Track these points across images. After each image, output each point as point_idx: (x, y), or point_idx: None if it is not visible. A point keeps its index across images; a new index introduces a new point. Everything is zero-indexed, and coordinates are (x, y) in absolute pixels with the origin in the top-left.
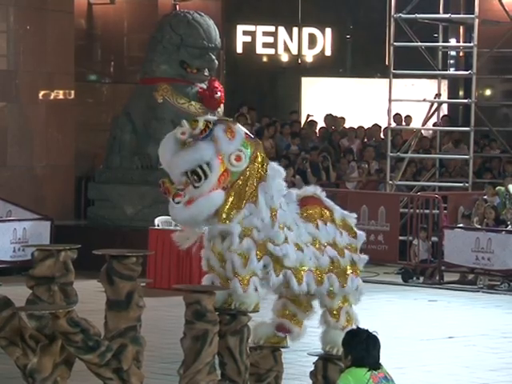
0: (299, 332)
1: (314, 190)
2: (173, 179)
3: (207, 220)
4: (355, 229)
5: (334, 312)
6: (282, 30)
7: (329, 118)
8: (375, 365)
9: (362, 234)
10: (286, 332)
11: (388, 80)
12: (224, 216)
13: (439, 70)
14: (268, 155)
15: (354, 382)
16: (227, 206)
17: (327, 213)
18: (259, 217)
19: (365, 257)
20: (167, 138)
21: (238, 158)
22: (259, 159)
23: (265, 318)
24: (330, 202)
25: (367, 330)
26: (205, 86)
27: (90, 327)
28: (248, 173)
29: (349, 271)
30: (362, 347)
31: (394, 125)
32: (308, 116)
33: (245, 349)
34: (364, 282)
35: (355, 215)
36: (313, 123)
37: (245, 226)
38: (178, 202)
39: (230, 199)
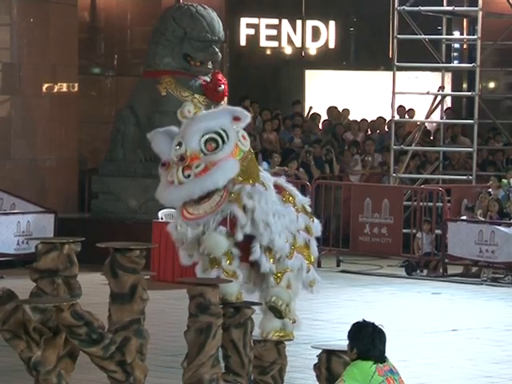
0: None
1: (276, 177)
2: (168, 155)
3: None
4: (313, 216)
5: (277, 275)
6: (285, 22)
7: (332, 111)
8: (381, 358)
9: (318, 223)
10: None
11: (391, 73)
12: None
13: (443, 63)
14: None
15: (360, 375)
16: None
17: (290, 198)
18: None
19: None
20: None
21: (244, 137)
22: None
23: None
24: (291, 188)
25: (373, 323)
26: (208, 79)
27: (93, 320)
28: (250, 156)
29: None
30: (368, 340)
31: (397, 117)
32: (310, 108)
33: (248, 341)
34: (368, 274)
35: (309, 201)
36: (316, 116)
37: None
38: (188, 176)
39: (239, 177)
